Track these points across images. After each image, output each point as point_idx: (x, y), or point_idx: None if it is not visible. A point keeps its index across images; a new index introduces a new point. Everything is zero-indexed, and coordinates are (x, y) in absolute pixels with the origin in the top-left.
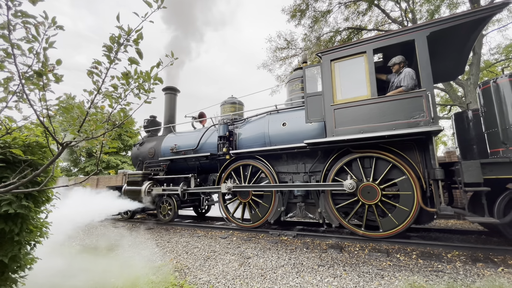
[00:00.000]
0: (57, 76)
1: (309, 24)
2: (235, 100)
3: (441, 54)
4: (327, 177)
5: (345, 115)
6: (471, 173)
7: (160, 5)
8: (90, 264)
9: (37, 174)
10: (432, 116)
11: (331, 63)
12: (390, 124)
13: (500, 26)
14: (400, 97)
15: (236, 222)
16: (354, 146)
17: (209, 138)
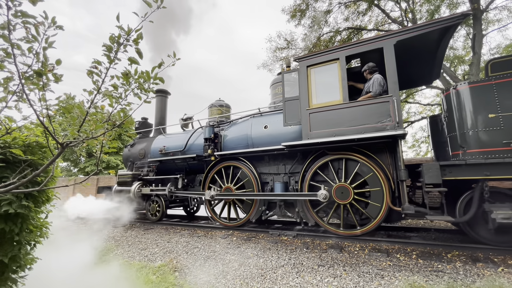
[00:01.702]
0: (57, 76)
1: (309, 24)
2: (222, 103)
3: (416, 59)
4: (305, 178)
5: (319, 119)
6: (431, 175)
7: (160, 5)
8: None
9: (37, 174)
10: (397, 121)
11: (307, 69)
12: (360, 127)
13: (500, 26)
14: (369, 102)
15: (220, 221)
16: (330, 149)
17: (196, 139)
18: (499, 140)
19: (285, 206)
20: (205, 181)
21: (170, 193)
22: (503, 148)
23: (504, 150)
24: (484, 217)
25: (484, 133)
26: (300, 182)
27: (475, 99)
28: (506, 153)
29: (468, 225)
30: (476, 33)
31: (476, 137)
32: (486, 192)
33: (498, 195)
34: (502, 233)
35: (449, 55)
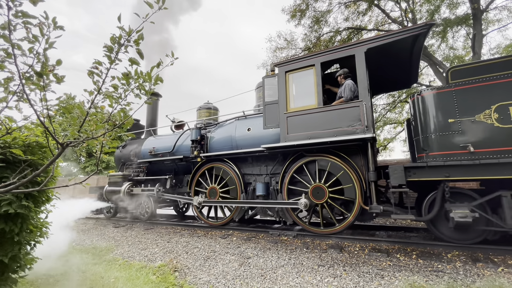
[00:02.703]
0: (58, 76)
1: (309, 24)
2: (210, 106)
3: (394, 64)
4: (285, 178)
5: (296, 122)
6: (396, 176)
7: (161, 6)
8: (90, 265)
9: (37, 174)
10: (366, 125)
11: (285, 74)
12: (333, 131)
13: (500, 26)
14: (341, 106)
15: (205, 220)
16: (307, 151)
17: (184, 141)
18: (457, 143)
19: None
20: (192, 182)
21: (159, 193)
22: (460, 151)
23: (461, 153)
24: (446, 216)
25: (445, 137)
26: (280, 182)
27: (437, 104)
28: (463, 156)
29: (432, 224)
30: (476, 33)
31: (437, 141)
32: (447, 192)
33: (460, 196)
34: (461, 231)
35: (449, 55)
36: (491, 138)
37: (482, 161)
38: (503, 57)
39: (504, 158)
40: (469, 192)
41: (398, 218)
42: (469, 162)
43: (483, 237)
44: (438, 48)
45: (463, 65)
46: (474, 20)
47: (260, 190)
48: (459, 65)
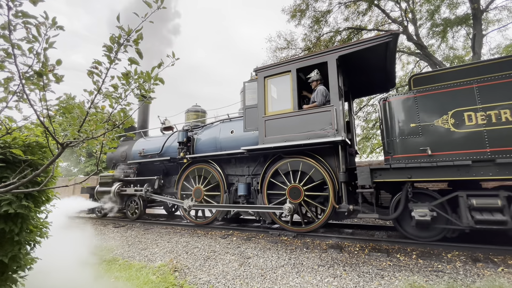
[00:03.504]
0: (58, 76)
1: (309, 24)
2: (198, 108)
3: (370, 69)
4: (264, 179)
5: (273, 126)
6: (363, 177)
7: (160, 5)
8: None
9: (37, 174)
10: (336, 128)
11: (264, 80)
12: (306, 134)
13: (500, 26)
14: (314, 111)
15: (191, 219)
16: (285, 152)
17: (173, 143)
18: (418, 147)
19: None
20: (179, 182)
21: (147, 193)
22: (420, 154)
23: (421, 156)
24: (410, 215)
25: (407, 140)
26: (260, 183)
27: (401, 110)
28: (423, 159)
29: (397, 222)
30: (476, 33)
31: (400, 144)
32: (409, 193)
33: (423, 196)
34: (423, 229)
35: (449, 55)
36: (448, 142)
37: (439, 164)
38: (459, 66)
39: (458, 161)
40: (431, 193)
41: (363, 217)
42: (427, 165)
43: (442, 235)
44: (438, 48)
45: (424, 73)
46: (474, 20)
47: (241, 190)
48: (420, 73)
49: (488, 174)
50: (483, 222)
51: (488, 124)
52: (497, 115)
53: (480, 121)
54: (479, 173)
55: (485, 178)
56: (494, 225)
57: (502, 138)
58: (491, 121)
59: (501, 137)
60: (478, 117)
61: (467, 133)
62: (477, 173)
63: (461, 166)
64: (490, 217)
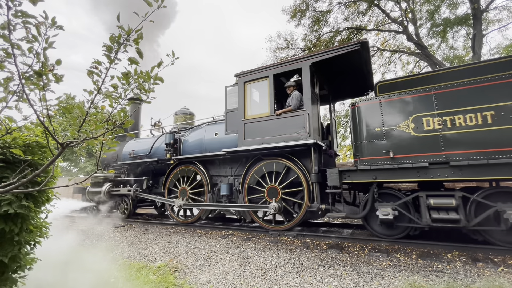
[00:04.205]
0: (57, 76)
1: (309, 24)
2: (187, 111)
3: (347, 74)
4: (245, 179)
5: (252, 129)
6: (332, 178)
7: (160, 4)
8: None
9: (37, 174)
10: (309, 131)
11: (244, 84)
12: (282, 137)
13: (500, 26)
14: (290, 115)
15: (177, 218)
16: (264, 154)
17: (161, 144)
18: (382, 149)
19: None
20: (166, 183)
21: (135, 193)
22: (384, 157)
23: (385, 158)
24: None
25: (372, 143)
26: (242, 183)
27: (368, 115)
28: (386, 161)
29: (365, 221)
30: (476, 33)
31: (367, 147)
32: (375, 193)
33: (389, 196)
34: (388, 227)
35: (449, 55)
36: (408, 145)
37: (400, 166)
38: (420, 74)
39: (417, 163)
40: (396, 193)
41: (332, 216)
42: (390, 166)
43: (406, 233)
44: (438, 48)
45: (388, 80)
46: (474, 20)
47: (224, 191)
48: (385, 80)
49: (444, 175)
50: (439, 221)
51: (443, 129)
52: (452, 120)
53: (436, 126)
54: (436, 175)
55: (441, 179)
56: (449, 223)
57: (456, 142)
58: (446, 126)
59: (455, 141)
60: (435, 122)
61: (425, 137)
62: (434, 174)
63: (420, 168)
64: (445, 216)
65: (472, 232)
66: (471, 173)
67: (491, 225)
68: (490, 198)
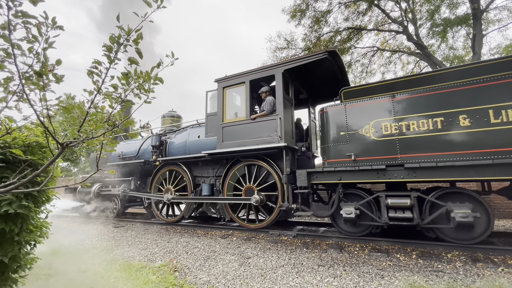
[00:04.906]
0: (57, 76)
1: (309, 24)
2: (174, 114)
3: (325, 79)
4: (225, 180)
5: (229, 132)
6: (301, 179)
7: (160, 5)
8: (90, 265)
9: (37, 174)
10: (280, 135)
11: (223, 90)
12: (256, 140)
13: (500, 26)
14: (263, 119)
15: (162, 217)
16: (242, 156)
17: (148, 146)
18: (345, 152)
19: (211, 204)
20: (152, 183)
21: (123, 193)
22: (347, 159)
23: (348, 161)
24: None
25: (338, 146)
26: (222, 184)
27: (334, 119)
28: (349, 163)
29: (333, 219)
30: (476, 33)
31: (333, 150)
32: (340, 193)
33: (354, 196)
34: (352, 225)
35: (449, 55)
36: (368, 149)
37: (361, 168)
38: (381, 81)
39: (376, 165)
40: (360, 193)
41: (300, 214)
42: (352, 168)
43: (369, 230)
44: (438, 48)
45: (352, 87)
46: (474, 20)
47: (205, 191)
48: (349, 87)
49: (400, 177)
50: (395, 219)
51: (399, 134)
52: (407, 126)
53: (393, 130)
54: (393, 176)
55: (397, 180)
56: (403, 221)
57: (410, 146)
58: (402, 131)
59: (409, 145)
60: (392, 127)
61: (383, 141)
62: (392, 176)
63: (379, 170)
64: (400, 215)
65: (426, 230)
66: (423, 175)
67: (444, 223)
68: (443, 198)
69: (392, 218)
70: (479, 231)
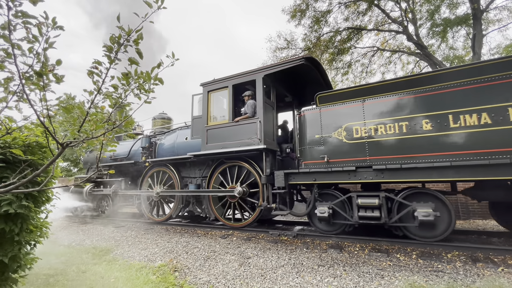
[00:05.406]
0: (58, 76)
1: (309, 24)
2: (164, 116)
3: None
4: (210, 181)
5: (213, 134)
6: (279, 180)
7: (160, 5)
8: (90, 265)
9: (37, 174)
10: (259, 138)
11: (208, 94)
12: (238, 142)
13: (500, 26)
14: (245, 122)
15: (150, 216)
16: (226, 158)
17: (139, 148)
18: (319, 154)
19: (196, 204)
20: (142, 183)
21: (114, 193)
22: (321, 161)
23: (321, 162)
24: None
25: (313, 149)
26: (207, 184)
27: (310, 123)
28: (323, 165)
29: (310, 218)
30: (476, 33)
31: (309, 152)
32: (315, 193)
33: (329, 196)
34: (327, 224)
35: (449, 55)
36: (341, 151)
37: (333, 169)
38: (354, 87)
39: (347, 167)
40: (335, 193)
41: (275, 214)
42: (325, 170)
43: (342, 229)
44: (438, 48)
45: (326, 92)
46: (474, 20)
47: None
48: (324, 92)
49: (369, 178)
50: (364, 218)
51: (369, 137)
52: (375, 129)
53: (363, 134)
54: (363, 177)
55: (366, 181)
56: (372, 220)
57: (378, 148)
58: (371, 134)
59: (377, 147)
60: (362, 130)
61: (354, 144)
62: (362, 177)
63: (350, 171)
64: (369, 214)
65: (394, 228)
66: (390, 176)
67: (411, 222)
68: (410, 198)
69: (361, 217)
70: (442, 229)
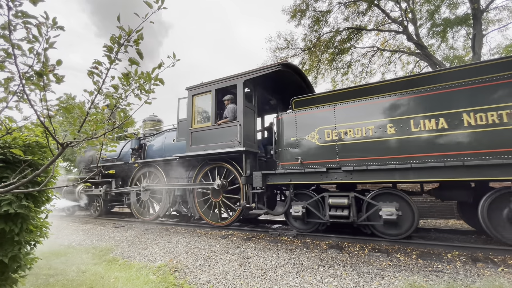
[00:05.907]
0: (58, 76)
1: (309, 24)
2: (155, 118)
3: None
4: (196, 181)
5: (197, 137)
6: (257, 180)
7: (161, 6)
8: (90, 265)
9: (37, 174)
10: (239, 140)
11: (193, 97)
12: (219, 144)
13: (500, 26)
14: (226, 125)
15: (139, 216)
16: (210, 159)
17: (129, 149)
18: (294, 156)
19: (182, 203)
20: (131, 183)
21: (106, 192)
22: (295, 163)
23: (296, 164)
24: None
25: (288, 151)
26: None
27: (287, 126)
28: (296, 166)
29: (287, 217)
30: (476, 33)
31: (285, 154)
32: (291, 193)
33: (305, 196)
34: (301, 222)
35: (449, 55)
36: (313, 153)
37: (306, 170)
38: (326, 92)
39: (319, 168)
40: (310, 193)
41: (253, 213)
42: (299, 171)
43: (316, 227)
44: (438, 48)
45: (301, 96)
46: (474, 20)
47: (178, 191)
48: (299, 96)
49: (339, 179)
50: (334, 217)
51: (339, 140)
52: (345, 133)
53: (334, 137)
54: (334, 178)
55: (337, 182)
56: (341, 219)
57: (347, 151)
58: (340, 137)
59: (346, 150)
60: (333, 134)
61: (326, 146)
62: (333, 178)
63: (322, 172)
64: (339, 213)
65: (363, 227)
66: (358, 177)
67: (377, 221)
68: (378, 198)
69: (332, 216)
70: (406, 227)
